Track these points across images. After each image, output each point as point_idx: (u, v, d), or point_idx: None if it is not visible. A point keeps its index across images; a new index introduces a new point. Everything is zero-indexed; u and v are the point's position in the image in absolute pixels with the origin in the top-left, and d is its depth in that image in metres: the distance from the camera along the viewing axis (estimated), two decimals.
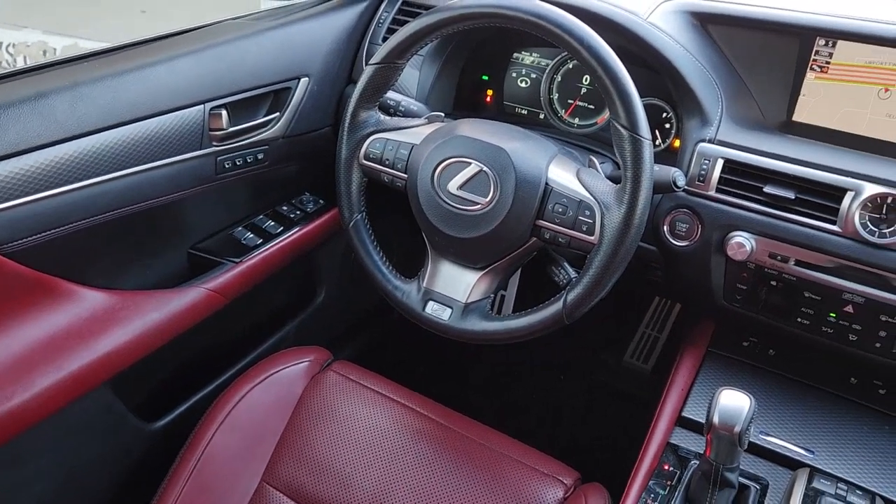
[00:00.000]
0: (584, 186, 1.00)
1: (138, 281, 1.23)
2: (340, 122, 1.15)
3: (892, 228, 0.99)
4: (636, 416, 1.40)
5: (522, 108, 1.44)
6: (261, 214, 1.44)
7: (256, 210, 1.44)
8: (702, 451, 1.05)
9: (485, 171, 1.02)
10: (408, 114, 1.25)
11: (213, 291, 1.27)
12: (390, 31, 1.40)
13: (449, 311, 1.09)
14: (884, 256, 1.01)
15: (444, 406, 1.21)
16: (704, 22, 1.18)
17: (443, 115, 1.18)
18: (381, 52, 1.08)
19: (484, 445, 1.14)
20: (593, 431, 1.84)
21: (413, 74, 1.36)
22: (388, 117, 1.16)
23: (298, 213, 1.46)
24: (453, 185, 1.04)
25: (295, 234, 1.42)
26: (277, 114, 1.32)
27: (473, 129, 1.07)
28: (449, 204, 1.05)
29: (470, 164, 1.03)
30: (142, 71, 1.13)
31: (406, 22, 1.09)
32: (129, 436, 1.27)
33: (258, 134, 1.30)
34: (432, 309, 1.10)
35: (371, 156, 1.13)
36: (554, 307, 1.02)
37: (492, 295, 1.10)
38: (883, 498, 1.02)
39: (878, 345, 1.06)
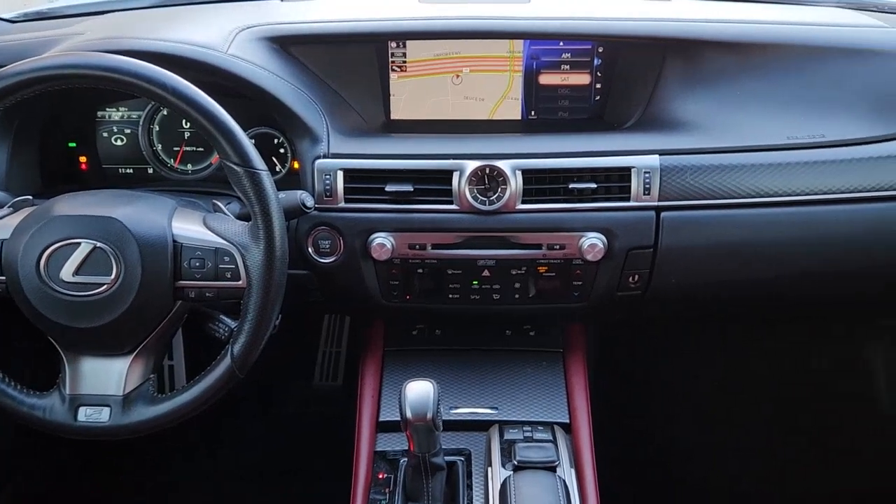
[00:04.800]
0: (215, 233, 0.96)
1: None
2: None
3: (496, 195, 1.12)
4: (342, 435, 1.41)
5: (126, 168, 1.33)
6: None
7: None
8: (407, 448, 1.09)
9: (100, 248, 0.92)
10: None
11: None
12: None
13: (107, 410, 0.97)
14: (497, 220, 1.14)
15: None
16: (284, 45, 1.20)
17: (31, 198, 1.04)
18: None
19: None
20: (308, 465, 1.80)
21: None
22: None
23: None
24: (67, 273, 0.92)
25: None
26: None
27: (73, 204, 0.97)
28: (67, 294, 0.92)
29: (79, 244, 0.92)
30: None
31: None
32: None
33: None
34: (86, 415, 0.97)
35: None
36: (223, 365, 0.97)
37: (152, 375, 1.01)
38: (558, 424, 1.17)
39: (516, 296, 1.20)
